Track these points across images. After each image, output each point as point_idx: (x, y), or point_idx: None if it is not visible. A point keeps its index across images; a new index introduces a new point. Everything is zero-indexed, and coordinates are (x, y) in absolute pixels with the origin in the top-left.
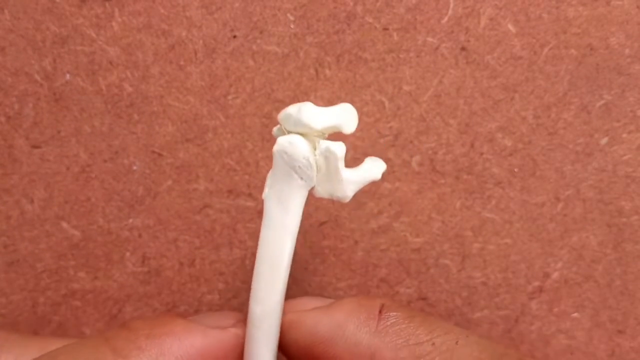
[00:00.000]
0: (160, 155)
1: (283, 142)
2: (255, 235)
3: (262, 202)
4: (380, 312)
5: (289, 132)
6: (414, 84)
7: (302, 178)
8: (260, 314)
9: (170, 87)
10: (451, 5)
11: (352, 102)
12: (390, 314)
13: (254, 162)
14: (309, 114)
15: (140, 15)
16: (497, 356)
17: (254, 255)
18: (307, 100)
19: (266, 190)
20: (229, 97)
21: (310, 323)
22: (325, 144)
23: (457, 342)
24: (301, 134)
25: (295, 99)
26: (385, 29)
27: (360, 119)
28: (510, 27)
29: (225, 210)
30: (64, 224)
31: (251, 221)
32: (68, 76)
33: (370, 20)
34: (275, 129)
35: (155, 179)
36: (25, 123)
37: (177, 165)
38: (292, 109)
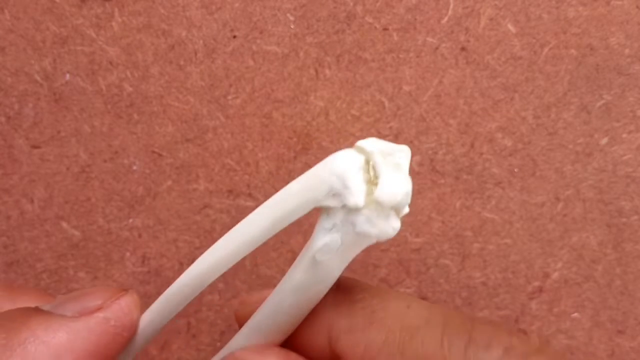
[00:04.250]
0: (160, 155)
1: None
2: None
3: (262, 202)
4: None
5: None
6: (414, 84)
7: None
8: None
9: (170, 87)
10: (451, 6)
11: (352, 102)
12: None
13: (253, 162)
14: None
15: (140, 16)
16: (446, 316)
17: (254, 255)
18: (307, 99)
19: (323, 256)
20: (229, 97)
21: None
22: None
23: (408, 306)
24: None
25: (295, 99)
26: (385, 29)
27: (360, 119)
28: (510, 27)
29: (225, 210)
30: (64, 224)
31: None
32: (68, 76)
33: (370, 20)
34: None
35: (155, 179)
36: (25, 123)
37: (177, 165)
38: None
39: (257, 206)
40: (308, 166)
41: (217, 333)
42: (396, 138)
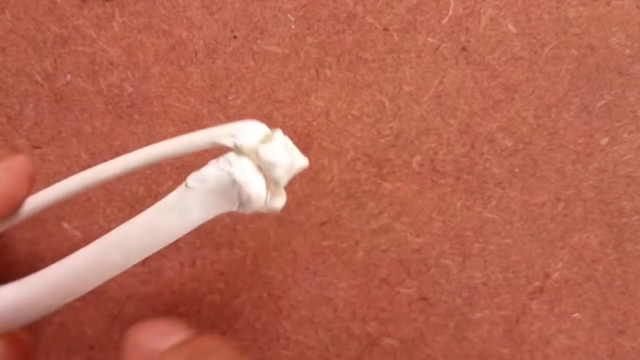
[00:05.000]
0: None
1: (244, 169)
2: (255, 236)
3: None
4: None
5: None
6: (414, 84)
7: (241, 205)
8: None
9: (170, 88)
10: (451, 6)
11: (353, 103)
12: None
13: None
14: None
15: (141, 16)
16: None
17: (254, 255)
18: (308, 100)
19: (195, 182)
20: (230, 98)
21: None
22: (267, 157)
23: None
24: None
25: (296, 99)
26: (386, 29)
27: (360, 119)
28: (511, 27)
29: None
30: (65, 225)
31: (251, 221)
32: (69, 77)
33: (371, 20)
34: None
35: (156, 179)
36: (26, 123)
37: (178, 165)
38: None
39: None
40: (309, 166)
41: (218, 333)
42: (397, 138)
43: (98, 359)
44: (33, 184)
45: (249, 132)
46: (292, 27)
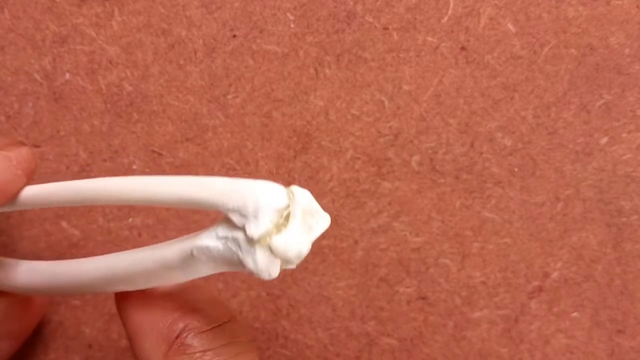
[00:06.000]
0: (160, 154)
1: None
2: None
3: None
4: (178, 336)
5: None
6: (413, 84)
7: (248, 272)
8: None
9: (170, 87)
10: (451, 5)
11: (352, 102)
12: (186, 341)
13: (253, 161)
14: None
15: (140, 15)
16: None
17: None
18: (307, 99)
19: (200, 254)
20: (229, 97)
21: (125, 313)
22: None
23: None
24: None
25: (295, 98)
26: (385, 28)
27: (360, 119)
28: (510, 26)
29: None
30: (64, 223)
31: None
32: (68, 75)
33: (370, 19)
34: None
35: None
36: (25, 122)
37: (177, 164)
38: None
39: None
40: (308, 165)
41: None
42: (396, 137)
43: (96, 357)
44: (31, 177)
45: (261, 215)
46: (292, 26)
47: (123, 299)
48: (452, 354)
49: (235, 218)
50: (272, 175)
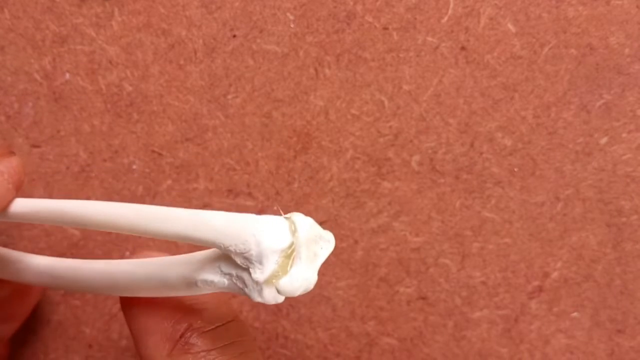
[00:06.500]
0: (160, 154)
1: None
2: None
3: (262, 202)
4: (182, 335)
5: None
6: (413, 84)
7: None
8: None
9: (170, 87)
10: (451, 5)
11: (352, 102)
12: (190, 341)
13: (253, 161)
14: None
15: (140, 15)
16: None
17: None
18: (307, 99)
19: (205, 285)
20: (229, 97)
21: (129, 312)
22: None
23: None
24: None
25: (295, 98)
26: (385, 28)
27: (360, 119)
28: (510, 26)
29: (225, 210)
30: None
31: None
32: (68, 75)
33: (370, 19)
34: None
35: (155, 178)
36: (25, 122)
37: (177, 164)
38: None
39: (257, 205)
40: (308, 165)
41: None
42: (396, 137)
43: (96, 357)
44: (20, 188)
45: (265, 261)
46: (292, 26)
47: (127, 298)
48: (452, 354)
49: (238, 260)
50: (272, 176)
